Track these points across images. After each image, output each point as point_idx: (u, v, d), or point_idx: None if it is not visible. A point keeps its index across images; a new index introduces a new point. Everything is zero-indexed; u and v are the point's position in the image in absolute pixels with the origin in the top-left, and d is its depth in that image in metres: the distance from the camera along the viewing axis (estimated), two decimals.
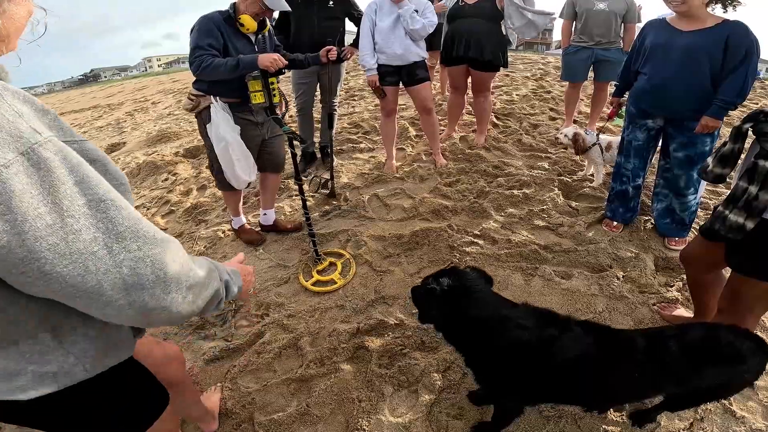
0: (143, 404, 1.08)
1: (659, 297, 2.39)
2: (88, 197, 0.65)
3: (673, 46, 2.37)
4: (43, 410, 0.86)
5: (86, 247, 0.64)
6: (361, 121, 5.44)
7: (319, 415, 1.83)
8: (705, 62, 2.29)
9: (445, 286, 1.37)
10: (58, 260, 0.62)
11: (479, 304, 1.37)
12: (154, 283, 0.72)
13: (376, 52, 3.41)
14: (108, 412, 0.97)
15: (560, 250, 2.78)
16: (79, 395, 0.87)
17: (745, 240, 1.51)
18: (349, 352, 2.11)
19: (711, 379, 1.36)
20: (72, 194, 0.63)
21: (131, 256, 0.69)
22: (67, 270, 0.63)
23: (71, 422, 0.93)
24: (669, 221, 2.79)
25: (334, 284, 2.61)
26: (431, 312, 1.44)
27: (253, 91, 2.44)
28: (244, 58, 2.36)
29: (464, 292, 1.38)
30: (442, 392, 1.90)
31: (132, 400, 1.03)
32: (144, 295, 0.72)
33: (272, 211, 3.22)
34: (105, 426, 0.98)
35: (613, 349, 1.36)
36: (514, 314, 1.37)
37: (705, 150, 2.50)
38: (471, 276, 1.44)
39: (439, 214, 3.23)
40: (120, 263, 0.68)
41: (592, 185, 3.53)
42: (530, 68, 8.15)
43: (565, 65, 4.44)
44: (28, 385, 0.79)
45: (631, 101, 2.72)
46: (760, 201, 1.42)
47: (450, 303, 1.37)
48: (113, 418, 0.99)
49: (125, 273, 0.68)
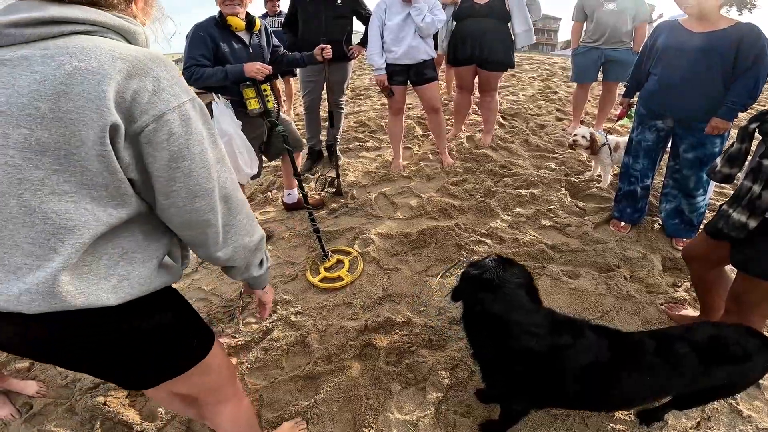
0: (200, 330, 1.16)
1: (667, 297, 2.39)
2: (208, 131, 0.91)
3: (686, 47, 2.36)
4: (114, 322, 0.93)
5: (210, 159, 0.90)
6: (368, 119, 5.45)
7: (327, 412, 1.84)
8: (717, 64, 2.28)
9: (485, 272, 1.37)
10: (199, 162, 0.87)
11: (503, 301, 1.37)
12: (232, 198, 0.98)
13: (385, 51, 3.41)
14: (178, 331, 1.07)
15: (568, 249, 2.78)
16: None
17: (749, 239, 1.53)
18: (356, 350, 2.12)
19: (718, 378, 1.36)
20: (204, 128, 0.90)
21: (225, 175, 0.95)
22: (201, 171, 0.88)
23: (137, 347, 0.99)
24: (677, 222, 2.78)
25: (341, 281, 2.61)
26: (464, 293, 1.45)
27: (248, 98, 2.56)
28: (231, 68, 2.47)
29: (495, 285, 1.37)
30: (450, 390, 1.90)
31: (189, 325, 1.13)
32: (231, 204, 0.98)
33: (295, 190, 3.37)
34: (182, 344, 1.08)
35: (623, 354, 1.36)
36: (529, 319, 1.36)
37: (714, 151, 2.49)
38: (510, 271, 1.42)
39: (446, 213, 3.23)
40: (219, 177, 0.94)
41: (599, 186, 3.52)
42: (536, 69, 8.13)
43: (575, 66, 4.42)
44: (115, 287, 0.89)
45: (641, 102, 2.71)
46: (763, 200, 1.44)
47: (480, 290, 1.37)
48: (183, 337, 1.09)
49: (221, 183, 0.94)
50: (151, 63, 0.81)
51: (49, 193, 0.78)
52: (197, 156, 0.87)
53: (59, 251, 0.80)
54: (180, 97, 0.84)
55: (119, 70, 0.77)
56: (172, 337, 1.05)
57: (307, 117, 4.08)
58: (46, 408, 1.95)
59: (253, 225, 1.08)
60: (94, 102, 0.75)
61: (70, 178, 0.78)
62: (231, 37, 2.56)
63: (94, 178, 0.81)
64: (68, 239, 0.80)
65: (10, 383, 1.98)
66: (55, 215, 0.79)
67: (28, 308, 0.81)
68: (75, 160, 0.77)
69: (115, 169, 0.81)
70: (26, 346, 0.94)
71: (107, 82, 0.75)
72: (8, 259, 0.80)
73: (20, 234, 0.79)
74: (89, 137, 0.76)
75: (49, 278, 0.80)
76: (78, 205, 0.81)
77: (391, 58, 3.41)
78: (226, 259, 1.04)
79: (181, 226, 0.95)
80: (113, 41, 0.83)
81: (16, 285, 0.80)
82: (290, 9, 3.77)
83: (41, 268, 0.80)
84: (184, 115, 0.84)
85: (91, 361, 0.98)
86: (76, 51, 0.76)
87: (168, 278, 1.01)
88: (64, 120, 0.74)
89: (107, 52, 0.77)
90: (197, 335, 1.13)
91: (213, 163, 0.91)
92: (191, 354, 1.10)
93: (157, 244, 0.98)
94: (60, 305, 0.82)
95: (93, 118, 0.75)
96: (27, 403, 1.99)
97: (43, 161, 0.76)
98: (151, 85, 0.80)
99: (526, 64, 8.59)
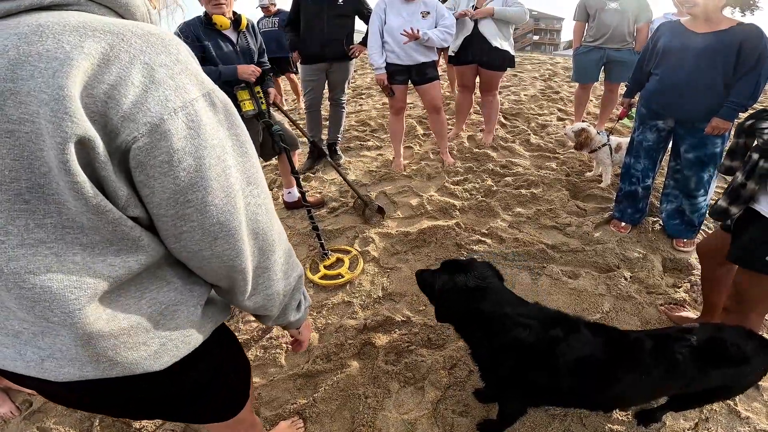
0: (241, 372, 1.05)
1: (667, 298, 2.38)
2: (234, 140, 0.67)
3: (687, 47, 2.35)
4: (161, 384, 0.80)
5: (235, 182, 0.65)
6: (369, 118, 5.45)
7: (325, 410, 1.84)
8: (718, 64, 2.27)
9: (462, 278, 1.38)
10: (218, 191, 0.63)
11: (492, 298, 1.37)
12: (266, 234, 0.74)
13: (386, 50, 3.41)
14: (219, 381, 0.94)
15: (568, 249, 2.78)
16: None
17: (737, 230, 1.62)
18: (355, 349, 2.12)
19: (715, 379, 1.36)
20: (227, 136, 0.65)
21: (255, 202, 0.70)
22: (222, 203, 0.64)
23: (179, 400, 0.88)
24: (678, 222, 2.78)
25: (341, 278, 2.62)
26: (445, 302, 1.45)
27: (242, 100, 2.60)
28: (225, 69, 2.52)
29: (478, 285, 1.38)
30: (449, 389, 1.90)
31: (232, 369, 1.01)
32: (264, 241, 0.74)
33: (295, 189, 3.33)
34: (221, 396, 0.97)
35: (619, 352, 1.36)
36: (523, 312, 1.37)
37: (716, 151, 2.49)
38: (485, 270, 1.44)
39: (446, 213, 3.23)
40: (248, 207, 0.69)
41: (600, 186, 3.51)
42: (538, 69, 8.11)
43: (576, 66, 4.40)
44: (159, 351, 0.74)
45: (642, 102, 2.70)
46: (747, 189, 1.52)
47: (465, 294, 1.37)
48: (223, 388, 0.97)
49: (250, 217, 0.70)
50: (141, 42, 0.56)
51: (17, 246, 0.56)
52: (215, 181, 0.62)
53: (53, 320, 0.61)
54: (187, 91, 0.59)
55: (89, 53, 0.52)
56: (226, 382, 0.96)
57: (309, 115, 4.08)
58: (46, 405, 1.95)
59: (291, 264, 0.86)
60: (49, 104, 0.50)
61: (44, 220, 0.56)
62: (217, 36, 2.58)
63: (77, 219, 0.57)
64: (58, 306, 0.60)
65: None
66: (31, 276, 0.57)
67: (55, 375, 0.68)
68: (45, 193, 0.54)
69: (100, 207, 0.57)
70: (74, 405, 0.85)
71: (66, 73, 0.50)
72: (3, 322, 0.65)
73: (1, 296, 0.61)
74: (53, 159, 0.52)
75: (67, 344, 0.65)
76: (62, 258, 0.59)
77: (392, 58, 3.41)
78: (256, 308, 0.84)
79: (198, 272, 0.74)
80: (92, 15, 0.57)
81: (29, 349, 0.66)
82: (292, 8, 3.77)
83: (47, 335, 0.65)
84: (194, 119, 0.59)
85: (142, 414, 0.91)
86: (28, 31, 0.51)
87: (219, 317, 0.86)
88: (16, 134, 0.51)
89: (73, 28, 0.53)
90: (245, 377, 1.04)
91: (239, 188, 0.67)
92: (240, 399, 1.03)
93: (201, 287, 0.79)
94: (93, 374, 0.68)
95: (49, 129, 0.50)
96: (27, 401, 1.99)
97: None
98: (140, 76, 0.54)
99: (528, 64, 8.58)
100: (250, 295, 0.79)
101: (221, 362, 0.92)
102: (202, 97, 0.61)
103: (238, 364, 1.02)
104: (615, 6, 3.94)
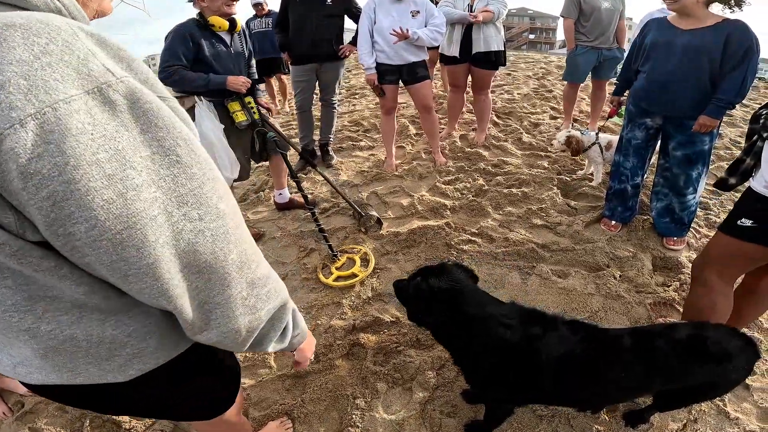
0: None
1: (656, 297, 2.39)
2: (153, 147, 0.53)
3: (673, 44, 2.36)
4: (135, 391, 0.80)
5: (146, 208, 0.51)
6: (362, 119, 5.44)
7: (314, 411, 1.84)
8: (704, 61, 2.27)
9: (434, 284, 1.37)
10: (112, 222, 0.49)
11: (467, 302, 1.37)
12: (212, 267, 0.60)
13: (376, 50, 3.40)
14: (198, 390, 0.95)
15: (558, 249, 2.78)
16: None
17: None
18: (344, 349, 2.12)
19: (698, 377, 1.36)
20: (136, 143, 0.51)
21: (191, 227, 0.56)
22: (120, 237, 0.50)
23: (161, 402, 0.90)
24: (668, 220, 2.78)
25: (356, 277, 2.61)
26: (419, 309, 1.44)
27: (234, 111, 2.63)
28: (214, 78, 2.51)
29: (452, 289, 1.37)
30: (436, 390, 1.90)
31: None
32: (212, 273, 0.60)
33: (286, 190, 3.40)
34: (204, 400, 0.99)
35: (599, 348, 1.36)
36: (499, 312, 1.37)
37: (704, 149, 2.49)
38: (458, 273, 1.44)
39: (437, 212, 3.22)
40: (178, 233, 0.55)
41: (591, 184, 3.52)
42: (532, 67, 8.11)
43: (570, 66, 4.32)
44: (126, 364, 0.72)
45: (630, 100, 2.70)
46: (746, 164, 1.67)
47: (438, 301, 1.37)
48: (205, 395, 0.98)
49: (182, 248, 0.56)
50: None
51: None
52: (102, 211, 0.49)
53: (9, 335, 0.63)
54: (50, 91, 0.45)
55: None
56: (205, 390, 0.96)
57: (300, 117, 4.07)
58: (38, 406, 1.95)
59: (263, 296, 0.70)
60: None
61: None
62: (212, 37, 2.58)
63: None
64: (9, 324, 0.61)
65: (2, 381, 1.98)
66: None
67: (27, 380, 0.69)
68: None
69: None
70: (59, 401, 0.86)
71: None
72: None
73: None
74: None
75: (29, 356, 0.65)
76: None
77: (382, 58, 3.40)
78: (213, 344, 0.71)
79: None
80: None
81: (4, 356, 0.67)
82: (281, 9, 3.76)
83: (14, 345, 0.65)
84: (54, 129, 0.45)
85: (123, 413, 0.93)
86: None
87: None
88: None
89: None
90: (231, 383, 1.05)
91: (158, 212, 0.53)
92: (223, 404, 1.05)
93: None
94: (58, 381, 0.68)
95: None
96: (19, 402, 1.99)
97: None
98: None
99: (522, 63, 8.57)
100: (200, 331, 0.67)
101: (197, 368, 0.89)
102: (84, 95, 0.47)
103: (221, 367, 0.99)
104: (608, 5, 3.93)
